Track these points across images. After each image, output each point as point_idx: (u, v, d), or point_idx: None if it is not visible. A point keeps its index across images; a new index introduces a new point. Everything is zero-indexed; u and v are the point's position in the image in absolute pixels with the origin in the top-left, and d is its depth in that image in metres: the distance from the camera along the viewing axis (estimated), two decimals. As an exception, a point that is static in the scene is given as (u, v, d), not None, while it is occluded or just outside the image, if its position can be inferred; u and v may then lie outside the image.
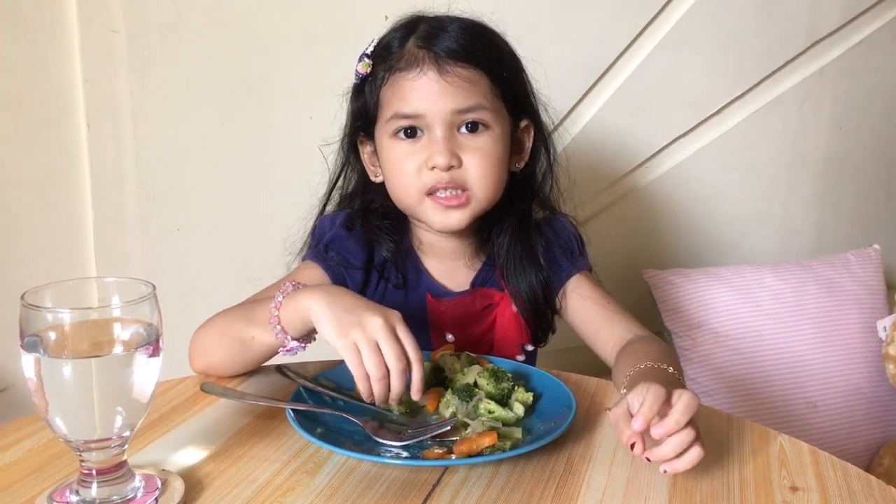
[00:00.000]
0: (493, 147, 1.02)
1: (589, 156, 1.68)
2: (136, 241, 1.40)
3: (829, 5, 1.82)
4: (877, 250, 1.74)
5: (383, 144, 1.04)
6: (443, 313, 1.08)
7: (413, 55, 1.00)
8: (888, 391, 1.58)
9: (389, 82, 1.02)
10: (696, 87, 1.74)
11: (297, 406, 0.82)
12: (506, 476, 0.75)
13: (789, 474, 0.77)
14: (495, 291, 1.10)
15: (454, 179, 1.00)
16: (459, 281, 1.11)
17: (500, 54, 1.05)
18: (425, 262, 1.11)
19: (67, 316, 0.65)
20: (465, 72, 0.99)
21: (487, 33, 1.05)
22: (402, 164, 1.02)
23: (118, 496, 0.68)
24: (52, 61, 1.29)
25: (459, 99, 0.99)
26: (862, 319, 1.64)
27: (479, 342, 1.10)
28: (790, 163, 1.90)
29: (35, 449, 0.78)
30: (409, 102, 0.99)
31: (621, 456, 0.80)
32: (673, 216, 1.82)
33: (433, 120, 0.99)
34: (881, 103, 1.97)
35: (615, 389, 0.94)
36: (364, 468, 0.76)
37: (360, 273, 1.07)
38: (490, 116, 1.01)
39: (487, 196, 1.03)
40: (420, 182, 1.01)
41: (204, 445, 0.80)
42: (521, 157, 1.10)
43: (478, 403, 0.84)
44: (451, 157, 0.99)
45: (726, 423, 0.87)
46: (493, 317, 1.10)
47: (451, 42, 0.99)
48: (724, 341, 1.56)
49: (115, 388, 0.66)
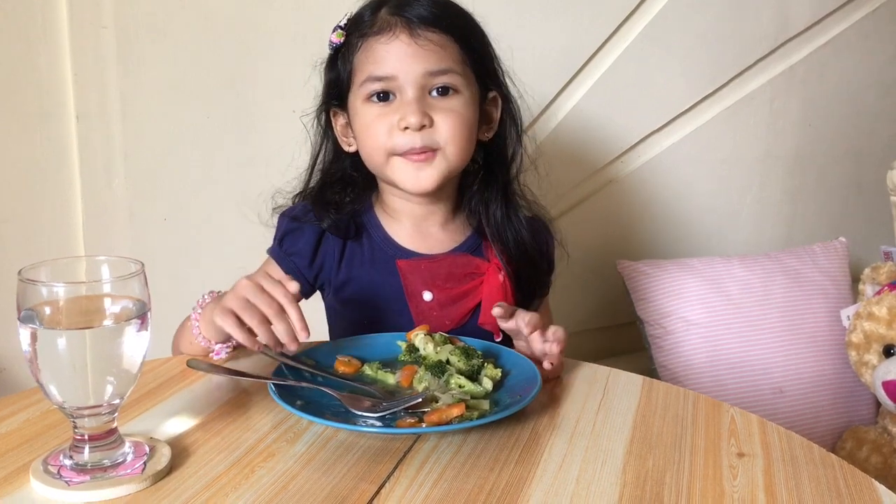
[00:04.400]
0: (463, 109, 1.06)
1: (565, 150, 1.73)
2: (124, 232, 1.44)
3: (798, 6, 1.89)
4: (843, 243, 1.81)
5: (357, 109, 1.08)
6: (417, 275, 1.10)
7: (385, 21, 1.05)
8: (852, 378, 1.64)
9: (362, 48, 1.06)
10: (670, 83, 1.80)
11: (279, 381, 0.87)
12: (473, 444, 0.80)
13: (737, 442, 0.82)
14: (481, 261, 1.13)
15: (425, 143, 1.04)
16: (431, 244, 1.14)
17: (468, 24, 1.11)
18: (390, 230, 1.14)
19: (61, 290, 0.69)
20: (436, 36, 1.04)
21: (455, 5, 1.11)
22: (375, 125, 1.05)
23: (108, 460, 0.72)
24: (43, 57, 1.32)
25: (431, 62, 1.03)
26: (828, 309, 1.70)
27: (460, 302, 1.11)
28: (761, 158, 1.96)
29: (30, 420, 0.83)
30: (381, 65, 1.04)
31: (582, 426, 0.85)
32: (647, 209, 1.87)
33: (405, 82, 1.03)
34: (848, 101, 2.03)
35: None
36: (340, 437, 0.81)
37: (311, 258, 1.12)
38: (460, 81, 1.06)
39: (458, 155, 1.07)
40: (391, 142, 1.04)
41: (190, 417, 0.85)
42: (489, 126, 1.14)
43: (449, 378, 0.89)
44: (423, 117, 1.03)
45: (682, 397, 0.92)
46: (478, 282, 1.12)
47: (422, 9, 1.04)
48: (693, 329, 1.62)
49: (107, 357, 0.71)
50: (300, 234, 1.12)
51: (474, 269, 1.13)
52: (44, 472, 0.71)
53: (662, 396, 0.93)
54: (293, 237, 1.13)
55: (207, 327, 0.97)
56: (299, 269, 1.12)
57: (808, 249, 1.78)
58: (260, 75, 1.44)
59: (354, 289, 1.13)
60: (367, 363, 0.95)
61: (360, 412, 0.83)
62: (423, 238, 1.14)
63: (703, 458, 0.79)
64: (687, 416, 0.88)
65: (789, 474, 0.77)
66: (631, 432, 0.84)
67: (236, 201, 1.49)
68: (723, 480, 0.75)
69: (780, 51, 1.90)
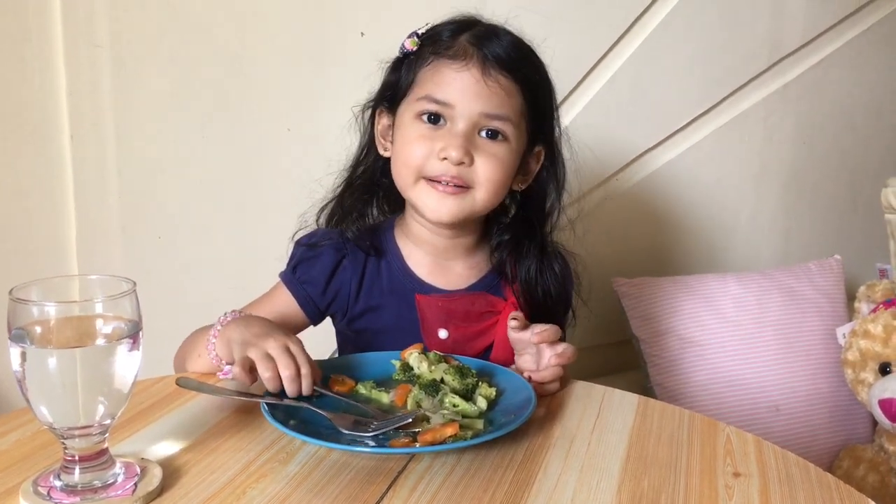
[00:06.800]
0: (506, 156, 1.05)
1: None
2: (117, 250, 1.43)
3: (792, 25, 1.90)
4: (838, 261, 1.81)
5: (404, 121, 1.07)
6: (434, 311, 1.10)
7: (463, 48, 1.04)
8: (848, 396, 1.64)
9: (432, 65, 1.05)
10: (665, 101, 1.80)
11: (272, 400, 0.86)
12: (467, 464, 0.80)
13: (733, 462, 0.82)
14: (498, 300, 1.12)
15: (461, 176, 1.03)
16: (451, 280, 1.12)
17: (541, 79, 1.10)
18: (410, 260, 1.13)
19: (53, 310, 0.69)
20: (506, 81, 1.04)
21: (535, 56, 1.10)
22: (417, 144, 1.04)
23: (99, 481, 0.72)
24: (38, 74, 1.32)
25: (492, 104, 1.03)
26: (823, 327, 1.69)
27: (474, 341, 1.11)
28: (756, 176, 1.97)
29: (20, 441, 0.82)
30: (444, 90, 1.03)
31: (577, 446, 0.84)
32: (643, 226, 1.87)
33: (460, 113, 1.03)
34: (843, 119, 2.04)
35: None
36: (333, 457, 0.80)
37: (325, 286, 1.11)
38: (512, 131, 1.05)
39: (486, 200, 1.06)
40: (425, 166, 1.04)
41: (182, 437, 0.84)
42: (524, 178, 1.13)
43: (443, 398, 0.89)
44: (465, 155, 1.02)
45: (678, 416, 0.92)
46: (493, 322, 1.11)
47: (501, 49, 1.04)
48: (689, 347, 1.62)
49: (97, 377, 0.70)
50: (315, 262, 1.12)
51: (491, 308, 1.11)
52: (34, 494, 0.71)
53: (658, 415, 0.93)
54: (307, 265, 1.12)
55: (223, 347, 0.96)
56: (311, 298, 1.11)
57: (803, 267, 1.78)
58: (255, 93, 1.44)
59: (371, 319, 1.12)
60: (361, 382, 0.95)
61: (349, 431, 0.82)
62: (442, 272, 1.13)
63: (698, 477, 0.79)
64: (683, 435, 0.87)
65: (785, 494, 0.76)
66: (626, 451, 0.83)
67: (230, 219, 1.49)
68: (718, 500, 0.75)
69: (775, 69, 1.91)
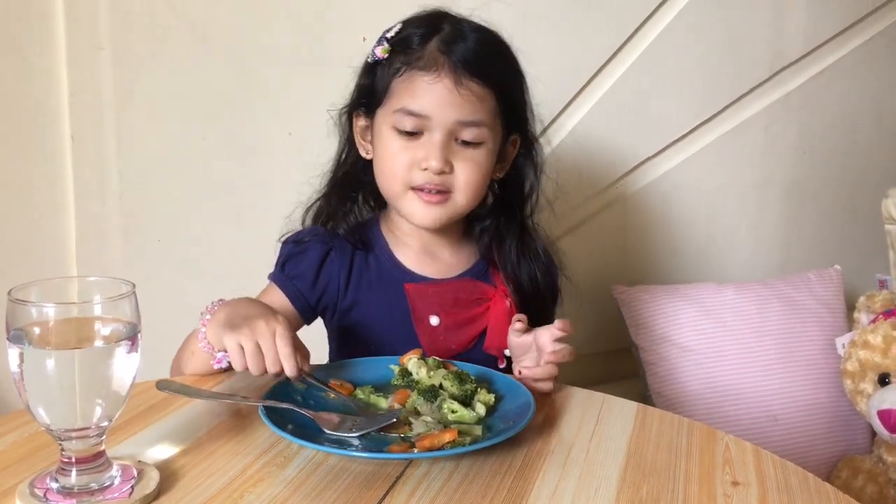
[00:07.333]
0: (484, 160, 1.09)
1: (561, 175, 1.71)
2: (118, 253, 1.43)
3: (794, 35, 1.89)
4: (837, 271, 1.81)
5: (382, 131, 1.09)
6: (424, 299, 1.12)
7: (433, 58, 1.05)
8: (847, 407, 1.63)
9: (405, 76, 1.06)
10: (666, 110, 1.80)
11: (266, 403, 0.86)
12: (465, 470, 0.80)
13: (732, 470, 0.82)
14: (488, 287, 1.15)
15: (443, 183, 1.07)
16: (440, 269, 1.15)
17: (511, 74, 1.12)
18: (398, 252, 1.15)
19: (51, 311, 0.69)
20: (478, 87, 1.05)
21: (503, 50, 1.12)
22: (397, 157, 1.07)
23: (96, 483, 0.71)
24: (40, 76, 1.33)
25: (466, 111, 1.05)
26: (823, 337, 1.69)
27: (466, 327, 1.13)
28: (757, 185, 1.96)
29: (17, 442, 0.82)
30: (419, 102, 1.05)
31: (576, 453, 0.84)
32: (643, 234, 1.87)
33: (437, 124, 1.05)
34: (844, 129, 2.04)
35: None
36: (331, 461, 0.80)
37: (314, 280, 1.12)
38: (487, 134, 1.08)
39: (467, 202, 1.10)
40: (409, 177, 1.07)
41: (179, 441, 0.84)
42: (502, 165, 1.16)
43: (441, 403, 0.88)
44: (445, 164, 1.06)
45: (677, 425, 0.92)
46: (484, 308, 1.14)
47: (469, 54, 1.05)
48: (688, 356, 1.61)
49: (95, 379, 0.70)
50: (303, 257, 1.13)
51: (481, 295, 1.14)
52: (30, 496, 0.70)
53: (657, 423, 0.92)
54: (295, 261, 1.13)
55: (213, 335, 0.96)
56: (301, 292, 1.12)
57: (803, 277, 1.78)
58: (256, 96, 1.44)
59: (362, 312, 1.13)
60: (359, 387, 0.95)
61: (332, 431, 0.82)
62: (431, 261, 1.15)
63: (697, 486, 0.78)
64: (681, 444, 0.87)
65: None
66: (625, 459, 0.83)
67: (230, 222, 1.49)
68: (717, 509, 0.74)
69: (776, 78, 1.91)
